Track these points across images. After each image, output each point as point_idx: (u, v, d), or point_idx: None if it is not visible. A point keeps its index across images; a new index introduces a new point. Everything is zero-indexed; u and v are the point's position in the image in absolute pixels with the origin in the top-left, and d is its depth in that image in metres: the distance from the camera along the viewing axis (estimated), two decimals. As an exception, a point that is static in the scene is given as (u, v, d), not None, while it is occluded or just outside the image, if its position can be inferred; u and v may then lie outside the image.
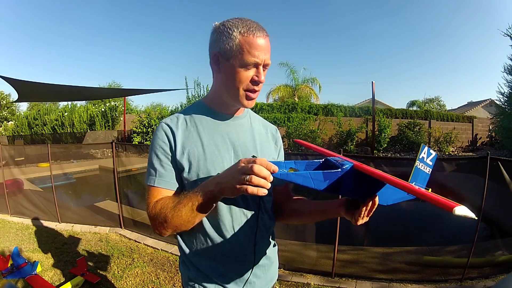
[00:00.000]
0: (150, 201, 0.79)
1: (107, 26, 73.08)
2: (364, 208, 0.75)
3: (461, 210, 0.49)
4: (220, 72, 0.81)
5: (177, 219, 0.72)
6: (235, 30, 0.75)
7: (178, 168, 0.81)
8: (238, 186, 0.62)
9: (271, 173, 0.62)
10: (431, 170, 0.92)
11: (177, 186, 0.82)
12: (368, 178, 0.71)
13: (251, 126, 0.93)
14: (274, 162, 0.64)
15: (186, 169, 0.80)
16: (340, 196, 0.91)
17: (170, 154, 0.81)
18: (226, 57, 0.77)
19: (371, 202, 0.74)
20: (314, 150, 1.07)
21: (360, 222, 0.78)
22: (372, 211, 0.77)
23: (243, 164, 0.63)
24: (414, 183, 0.86)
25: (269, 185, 0.61)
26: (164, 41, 78.26)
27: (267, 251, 0.92)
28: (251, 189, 0.61)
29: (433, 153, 1.04)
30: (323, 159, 0.80)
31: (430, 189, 0.76)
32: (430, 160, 1.04)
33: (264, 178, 0.60)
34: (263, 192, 0.61)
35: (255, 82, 0.78)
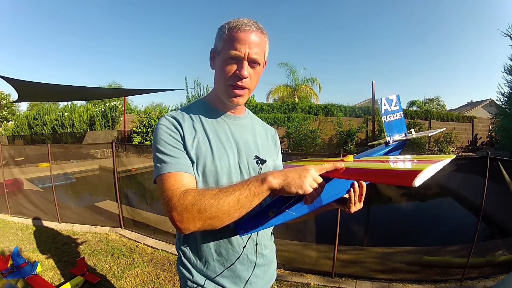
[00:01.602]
0: (173, 190, 0.69)
1: (107, 24, 73.08)
2: (353, 194, 0.76)
3: (420, 180, 0.47)
4: (214, 68, 0.83)
5: (216, 208, 0.64)
6: (226, 27, 0.77)
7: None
8: (305, 185, 0.64)
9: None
10: (401, 112, 0.92)
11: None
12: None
13: (252, 127, 0.94)
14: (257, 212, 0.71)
15: (194, 163, 0.78)
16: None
17: (182, 142, 0.78)
18: (217, 53, 0.80)
19: (357, 187, 0.76)
20: None
21: (354, 209, 0.80)
22: (363, 195, 0.78)
23: (314, 173, 0.67)
24: (391, 137, 0.87)
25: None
26: (164, 40, 78.28)
27: (268, 251, 0.92)
28: (312, 194, 0.65)
29: (393, 96, 1.04)
30: None
31: (413, 130, 0.78)
32: (395, 105, 1.04)
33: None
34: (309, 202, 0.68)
35: (236, 76, 0.77)
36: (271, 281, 0.96)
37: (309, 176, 0.65)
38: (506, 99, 9.85)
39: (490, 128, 14.78)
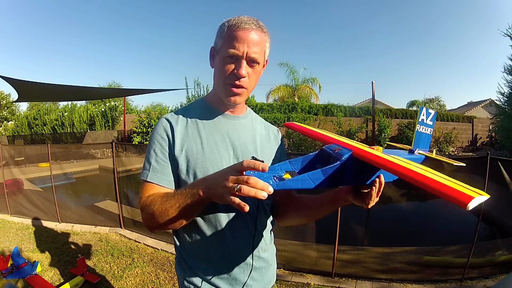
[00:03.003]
0: (142, 195, 0.78)
1: (107, 24, 73.03)
2: (374, 188, 0.70)
3: (475, 203, 0.47)
4: (213, 67, 0.83)
5: (164, 217, 0.71)
6: (226, 25, 0.76)
7: (175, 165, 0.80)
8: (226, 196, 0.58)
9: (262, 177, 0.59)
10: (432, 129, 0.90)
11: (172, 183, 0.80)
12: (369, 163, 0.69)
13: (252, 127, 0.92)
14: (269, 167, 0.61)
15: (184, 166, 0.79)
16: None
17: (168, 150, 0.80)
18: (216, 51, 0.79)
19: (383, 179, 0.70)
20: (308, 135, 1.02)
21: (371, 204, 0.74)
22: (381, 190, 0.73)
23: (236, 173, 0.60)
24: (417, 149, 0.85)
25: (265, 196, 0.56)
26: (164, 40, 78.20)
27: (266, 253, 0.90)
28: (238, 202, 0.57)
29: (432, 112, 1.01)
30: (319, 150, 0.78)
31: (434, 151, 0.75)
32: (430, 120, 1.01)
33: (262, 189, 0.56)
34: (246, 208, 0.57)
35: (234, 75, 0.76)
36: (270, 283, 0.94)
37: (229, 183, 0.58)
38: (506, 99, 9.84)
39: (490, 128, 14.77)
